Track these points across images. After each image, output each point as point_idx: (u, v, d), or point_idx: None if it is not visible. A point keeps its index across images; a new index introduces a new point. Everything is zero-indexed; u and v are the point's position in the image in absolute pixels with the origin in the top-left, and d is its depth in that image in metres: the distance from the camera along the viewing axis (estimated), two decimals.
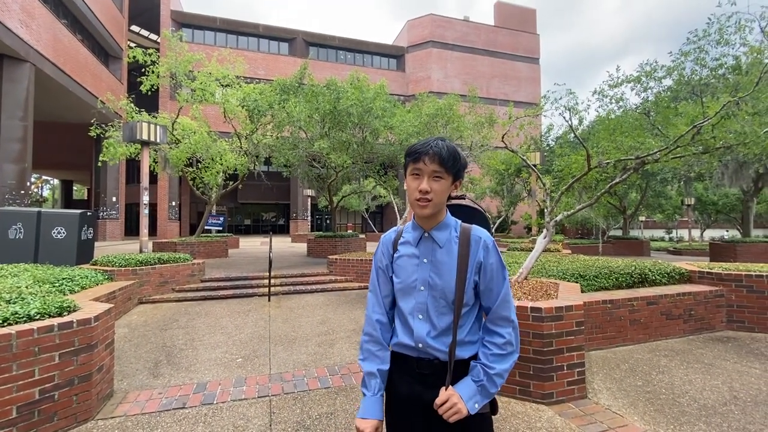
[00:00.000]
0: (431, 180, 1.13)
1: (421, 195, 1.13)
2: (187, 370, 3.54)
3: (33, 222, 6.92)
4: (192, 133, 11.35)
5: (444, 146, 1.13)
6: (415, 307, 1.18)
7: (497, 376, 1.10)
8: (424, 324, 1.17)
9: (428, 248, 1.19)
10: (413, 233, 1.23)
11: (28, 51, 13.25)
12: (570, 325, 3.04)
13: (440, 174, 1.13)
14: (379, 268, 1.29)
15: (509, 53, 32.70)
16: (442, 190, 1.14)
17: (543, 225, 4.86)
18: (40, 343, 2.42)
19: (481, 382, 1.11)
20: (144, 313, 5.72)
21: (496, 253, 1.19)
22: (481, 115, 9.33)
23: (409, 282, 1.19)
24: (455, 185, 1.18)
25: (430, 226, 1.20)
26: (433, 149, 1.12)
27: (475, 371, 1.13)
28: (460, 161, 1.17)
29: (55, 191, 44.56)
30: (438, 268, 1.17)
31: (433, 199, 1.13)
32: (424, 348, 1.16)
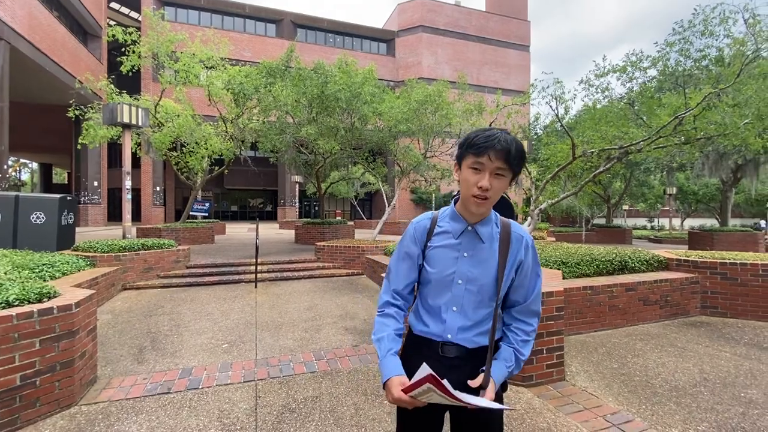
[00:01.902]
0: (492, 177, 1.07)
1: (480, 192, 1.08)
2: (172, 356, 3.54)
3: (11, 207, 6.72)
4: (176, 117, 11.05)
5: (513, 142, 1.07)
6: (451, 300, 1.17)
7: (523, 360, 1.17)
8: (458, 316, 1.16)
9: (470, 242, 1.16)
10: (454, 224, 1.19)
11: (2, 28, 12.63)
12: (550, 310, 3.12)
13: (503, 171, 1.07)
14: (408, 254, 1.24)
15: (500, 40, 32.50)
16: (502, 188, 1.09)
17: (528, 213, 4.93)
18: (20, 329, 2.38)
19: (511, 366, 1.15)
20: (128, 299, 5.66)
21: (534, 252, 1.19)
22: (470, 102, 9.31)
23: (445, 274, 1.17)
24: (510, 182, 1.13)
25: (476, 220, 1.17)
26: (501, 144, 1.05)
27: (506, 354, 1.16)
28: (525, 159, 1.11)
29: (34, 175, 43.20)
30: (478, 263, 1.15)
31: (491, 197, 1.09)
32: (453, 339, 1.16)
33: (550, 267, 4.87)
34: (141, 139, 11.50)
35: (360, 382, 3.01)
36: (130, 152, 7.65)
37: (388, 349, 1.14)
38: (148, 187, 24.37)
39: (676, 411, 2.61)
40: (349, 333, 4.19)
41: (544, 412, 2.58)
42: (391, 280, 1.26)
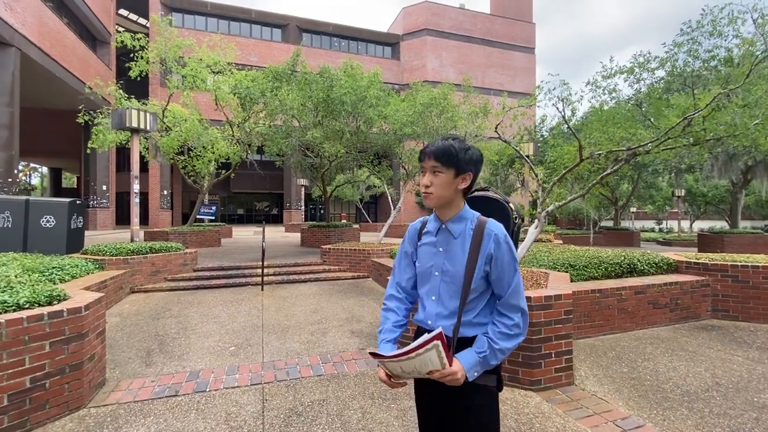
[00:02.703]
0: (432, 174, 1.26)
1: (424, 189, 1.29)
2: (179, 359, 3.55)
3: (21, 210, 6.82)
4: (183, 121, 11.17)
5: (440, 143, 1.25)
6: (430, 290, 1.33)
7: (500, 351, 1.20)
8: (436, 305, 1.31)
9: (444, 238, 1.31)
10: (434, 224, 1.36)
11: (13, 35, 12.87)
12: (558, 313, 3.09)
13: (438, 168, 1.24)
14: (405, 253, 1.45)
15: (505, 42, 32.47)
16: (442, 183, 1.24)
17: (535, 215, 4.90)
18: (30, 332, 2.40)
19: (483, 354, 1.20)
20: (136, 302, 5.70)
21: (507, 247, 1.25)
22: (475, 105, 9.29)
23: (426, 267, 1.34)
24: (463, 178, 1.25)
25: (446, 218, 1.31)
26: (430, 147, 1.26)
27: (479, 342, 1.23)
28: (457, 155, 1.23)
29: (44, 179, 43.81)
30: (451, 257, 1.28)
31: (434, 192, 1.26)
32: (433, 325, 1.30)
33: (559, 270, 4.83)
34: (149, 144, 11.62)
35: (367, 386, 3.00)
36: (138, 156, 7.74)
37: (382, 339, 1.34)
38: (155, 191, 24.60)
39: (688, 416, 2.56)
40: (356, 336, 4.18)
41: (553, 417, 2.55)
42: (396, 275, 1.47)
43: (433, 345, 1.09)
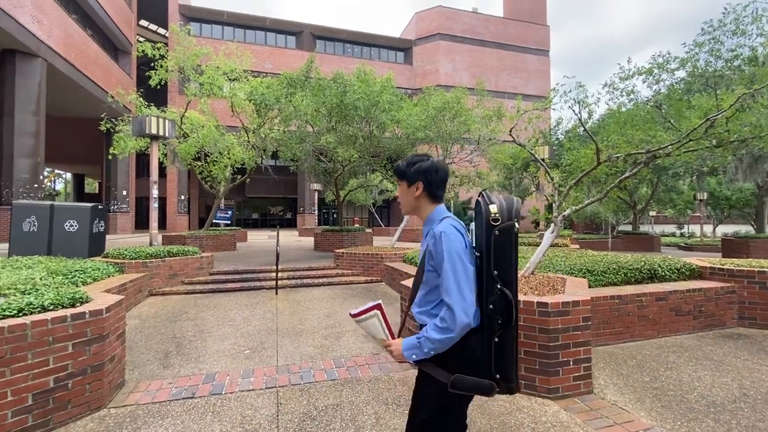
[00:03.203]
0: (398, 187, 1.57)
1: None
2: (196, 361, 3.60)
3: (46, 215, 7.05)
4: (200, 127, 11.41)
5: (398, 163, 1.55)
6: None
7: (428, 340, 1.33)
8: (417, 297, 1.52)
9: (424, 239, 1.51)
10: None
11: (39, 46, 13.41)
12: (577, 320, 3.03)
13: (398, 182, 1.56)
14: None
15: (519, 45, 32.24)
16: (401, 193, 1.55)
17: (551, 219, 4.82)
18: (54, 333, 2.47)
19: (419, 339, 1.35)
20: (154, 304, 5.81)
21: (443, 243, 1.35)
22: (489, 108, 9.23)
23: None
24: (416, 187, 1.48)
25: (423, 222, 1.54)
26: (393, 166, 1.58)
27: (420, 331, 1.39)
28: (404, 170, 1.51)
29: (67, 185, 45.25)
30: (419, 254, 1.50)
31: (400, 200, 1.57)
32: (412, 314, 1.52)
33: (576, 275, 4.74)
34: (167, 150, 11.91)
35: (380, 391, 2.98)
36: (157, 162, 7.92)
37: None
38: (173, 196, 25.15)
39: (714, 428, 2.47)
40: (369, 341, 4.17)
41: (572, 426, 2.49)
42: None
43: (373, 313, 1.41)
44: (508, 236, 1.35)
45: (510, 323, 1.34)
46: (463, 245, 1.37)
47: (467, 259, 1.36)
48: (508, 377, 1.35)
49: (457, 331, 1.29)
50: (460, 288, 1.30)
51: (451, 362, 1.35)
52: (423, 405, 1.45)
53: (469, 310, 1.30)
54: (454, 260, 1.32)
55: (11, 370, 2.26)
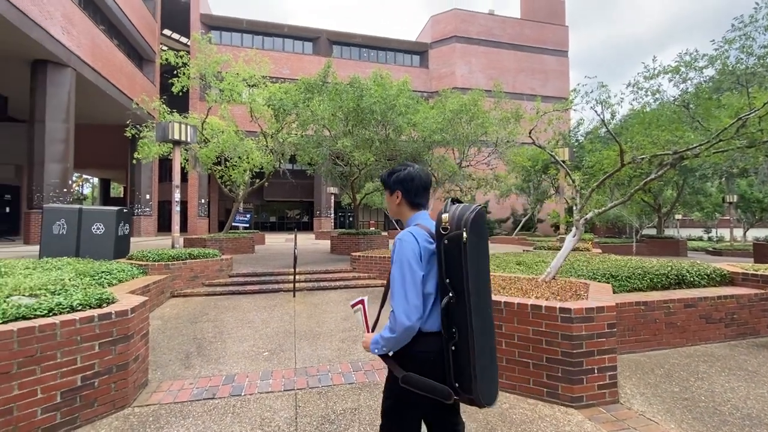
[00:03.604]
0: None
1: None
2: (216, 362, 3.65)
3: (75, 218, 7.32)
4: (220, 133, 11.66)
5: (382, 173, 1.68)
6: None
7: (381, 338, 1.42)
8: None
9: None
10: None
11: (69, 57, 13.98)
12: (601, 326, 2.93)
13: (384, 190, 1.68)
14: None
15: (536, 46, 31.80)
16: (386, 200, 1.68)
17: (572, 223, 4.71)
18: (82, 332, 2.55)
19: (377, 336, 1.45)
20: (176, 306, 5.94)
21: (395, 249, 1.44)
22: (506, 110, 9.13)
23: None
24: (396, 195, 1.60)
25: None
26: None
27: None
28: (385, 180, 1.65)
29: (94, 189, 46.93)
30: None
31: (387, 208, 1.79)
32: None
33: (599, 280, 4.61)
34: (189, 155, 12.21)
35: None
36: (179, 167, 8.13)
37: None
38: (194, 200, 25.75)
39: None
40: None
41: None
42: None
43: (357, 308, 1.62)
44: (456, 245, 1.34)
45: (465, 332, 1.33)
46: (414, 251, 1.40)
47: (416, 264, 1.39)
48: (466, 388, 1.34)
49: (398, 332, 1.36)
50: (405, 292, 1.36)
51: (405, 360, 1.43)
52: (386, 395, 1.57)
53: (411, 314, 1.34)
54: (402, 265, 1.39)
55: (41, 369, 2.34)
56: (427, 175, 1.62)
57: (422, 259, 1.41)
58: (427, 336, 1.41)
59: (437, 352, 1.39)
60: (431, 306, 1.43)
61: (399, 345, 1.41)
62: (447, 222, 1.37)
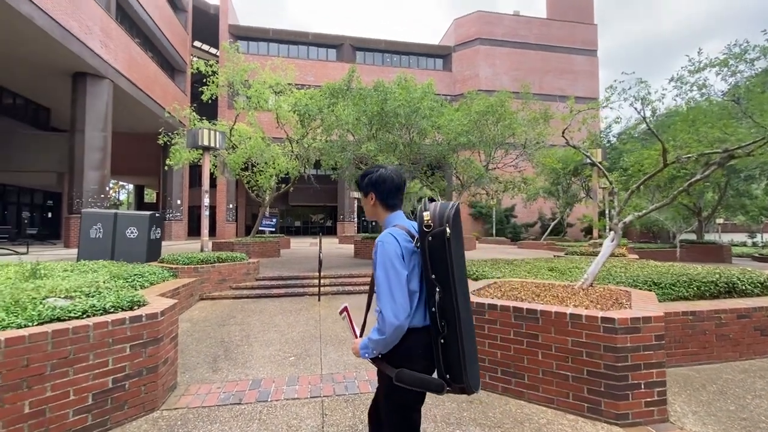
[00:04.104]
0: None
1: None
2: (243, 366, 3.64)
3: (110, 223, 7.60)
4: (248, 139, 11.92)
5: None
6: None
7: (370, 341, 1.46)
8: None
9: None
10: None
11: (107, 69, 14.70)
12: (648, 338, 2.72)
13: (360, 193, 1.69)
14: None
15: (564, 46, 31.00)
16: (363, 202, 1.70)
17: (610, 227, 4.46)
18: (114, 335, 2.57)
19: (366, 340, 1.49)
20: (204, 309, 6.03)
21: (377, 251, 1.47)
22: (534, 111, 8.86)
23: None
24: (370, 197, 1.64)
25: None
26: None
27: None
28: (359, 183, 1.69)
29: (129, 195, 49.10)
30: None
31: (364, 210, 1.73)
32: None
33: (640, 288, 4.33)
34: (218, 161, 12.53)
35: (428, 408, 2.83)
36: (208, 172, 8.32)
37: None
38: (222, 205, 26.45)
39: None
40: None
41: None
42: None
43: (343, 316, 1.73)
44: (440, 241, 1.38)
45: (453, 324, 1.37)
46: (396, 251, 1.44)
47: (400, 264, 1.43)
48: (457, 378, 1.38)
49: (387, 332, 1.39)
50: (392, 292, 1.39)
51: (395, 359, 1.46)
52: (381, 399, 1.59)
53: (399, 313, 1.38)
54: (386, 267, 1.42)
55: (74, 370, 2.37)
56: (399, 176, 1.65)
57: (404, 259, 1.45)
58: (414, 332, 1.45)
59: (424, 346, 1.44)
60: (416, 303, 1.47)
61: (389, 345, 1.44)
62: (429, 219, 1.40)
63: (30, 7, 10.46)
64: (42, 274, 4.87)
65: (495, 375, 3.04)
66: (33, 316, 2.41)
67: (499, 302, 3.08)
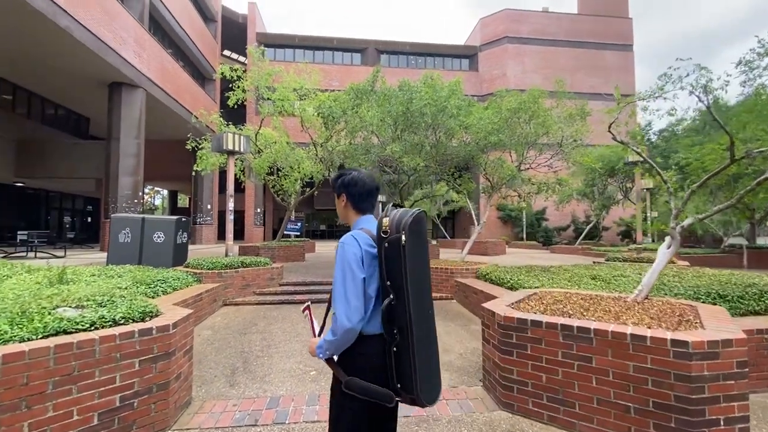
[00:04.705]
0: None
1: None
2: (261, 381, 3.42)
3: (138, 227, 7.68)
4: (273, 143, 11.93)
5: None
6: None
7: (325, 341, 1.43)
8: None
9: None
10: None
11: (140, 78, 15.19)
12: (728, 365, 2.28)
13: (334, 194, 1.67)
14: None
15: (596, 42, 29.70)
16: (336, 204, 1.67)
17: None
18: (122, 349, 2.40)
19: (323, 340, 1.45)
20: (227, 315, 5.91)
21: (338, 253, 1.45)
22: (569, 108, 8.31)
23: None
24: (342, 199, 1.63)
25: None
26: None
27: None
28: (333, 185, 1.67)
29: (164, 201, 51.08)
30: None
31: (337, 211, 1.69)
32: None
33: (703, 300, 3.82)
34: (244, 166, 12.62)
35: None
36: (234, 177, 8.29)
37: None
38: (250, 209, 26.91)
39: None
40: (445, 370, 3.68)
41: None
42: None
43: (305, 314, 1.74)
44: (396, 248, 1.35)
45: (406, 333, 1.34)
46: (355, 254, 1.42)
47: (357, 267, 1.40)
48: (408, 388, 1.35)
49: (339, 335, 1.37)
50: (346, 294, 1.38)
51: (348, 364, 1.44)
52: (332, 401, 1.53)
53: (352, 316, 1.35)
54: (344, 268, 1.41)
55: (78, 388, 2.20)
56: (373, 180, 1.63)
57: (364, 262, 1.42)
58: (370, 338, 1.42)
59: (379, 354, 1.40)
60: (372, 308, 1.43)
61: (341, 347, 1.42)
62: (387, 226, 1.38)
63: (68, 20, 10.89)
64: (68, 279, 4.87)
65: (539, 401, 2.67)
66: (38, 328, 2.26)
67: (544, 318, 2.71)
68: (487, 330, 3.11)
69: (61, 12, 10.64)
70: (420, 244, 1.42)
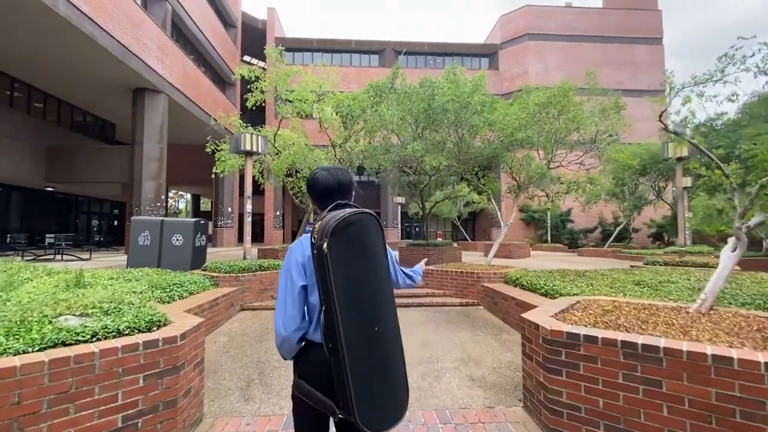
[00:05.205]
0: None
1: None
2: (278, 395, 3.16)
3: (157, 230, 7.63)
4: (291, 144, 11.82)
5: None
6: None
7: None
8: None
9: None
10: None
11: (163, 84, 15.41)
12: None
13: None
14: None
15: (623, 36, 28.59)
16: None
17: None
18: (124, 363, 2.17)
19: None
20: (244, 320, 5.72)
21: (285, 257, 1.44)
22: (603, 101, 7.81)
23: None
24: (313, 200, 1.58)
25: None
26: None
27: None
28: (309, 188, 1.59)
29: (187, 204, 52.26)
30: None
31: None
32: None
33: None
34: (263, 168, 12.56)
35: None
36: (251, 178, 8.16)
37: None
38: (270, 212, 27.08)
39: None
40: (477, 386, 3.34)
41: None
42: None
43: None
44: (320, 255, 1.24)
45: (336, 349, 1.22)
46: (297, 260, 1.40)
47: (297, 273, 1.38)
48: (345, 408, 1.22)
49: (277, 341, 1.38)
50: (285, 302, 1.37)
51: (298, 366, 1.43)
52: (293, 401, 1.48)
53: (288, 324, 1.35)
54: (283, 274, 1.41)
55: (76, 407, 1.98)
56: (334, 177, 1.50)
57: (306, 269, 1.38)
58: (318, 346, 1.34)
59: (325, 363, 1.29)
60: (317, 317, 1.37)
61: (286, 352, 1.41)
62: (317, 231, 1.28)
63: (92, 27, 11.09)
64: (86, 282, 4.77)
65: (596, 431, 2.29)
66: (35, 339, 2.06)
67: (600, 333, 2.33)
68: (529, 344, 2.75)
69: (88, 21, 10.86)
70: (357, 252, 1.28)
